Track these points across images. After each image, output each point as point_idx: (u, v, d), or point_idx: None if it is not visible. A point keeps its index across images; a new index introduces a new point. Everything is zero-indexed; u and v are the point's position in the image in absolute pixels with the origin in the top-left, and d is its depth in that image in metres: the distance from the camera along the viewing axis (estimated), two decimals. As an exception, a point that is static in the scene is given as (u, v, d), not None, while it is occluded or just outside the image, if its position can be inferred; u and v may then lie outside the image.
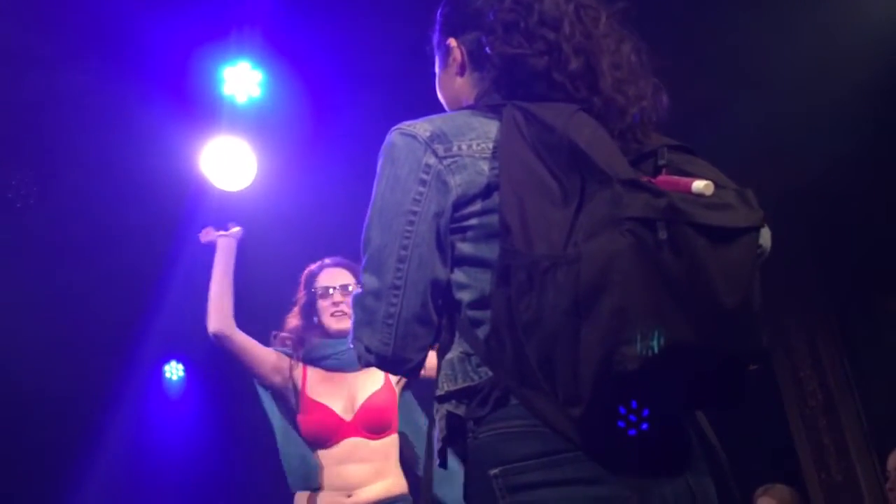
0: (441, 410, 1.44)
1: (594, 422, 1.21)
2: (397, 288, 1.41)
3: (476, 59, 1.56)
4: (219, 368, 8.29)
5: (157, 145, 4.60)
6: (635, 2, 1.56)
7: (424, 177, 1.42)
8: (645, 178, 1.22)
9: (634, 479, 1.27)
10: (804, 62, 4.35)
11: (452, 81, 1.62)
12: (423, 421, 3.26)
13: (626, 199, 1.15)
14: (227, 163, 4.10)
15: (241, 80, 4.22)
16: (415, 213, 1.41)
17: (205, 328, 3.58)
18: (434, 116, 1.53)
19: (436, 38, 1.66)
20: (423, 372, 1.52)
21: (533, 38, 1.46)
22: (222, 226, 3.85)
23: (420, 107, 1.66)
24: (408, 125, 1.49)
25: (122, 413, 8.56)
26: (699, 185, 1.19)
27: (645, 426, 1.23)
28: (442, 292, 1.45)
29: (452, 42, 1.60)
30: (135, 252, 6.10)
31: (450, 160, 1.43)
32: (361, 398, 3.17)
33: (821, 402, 6.09)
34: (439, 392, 1.45)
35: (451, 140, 1.45)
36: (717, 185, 1.22)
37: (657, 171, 1.33)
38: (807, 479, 6.16)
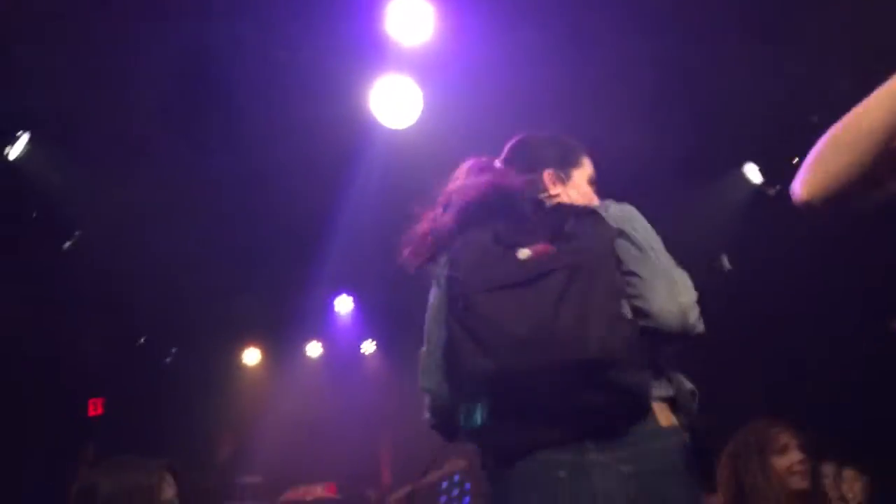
0: None
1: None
2: None
3: None
4: (386, 301, 8.68)
5: (326, 86, 4.77)
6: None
7: None
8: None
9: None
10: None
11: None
12: None
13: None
14: (394, 101, 4.20)
15: (409, 17, 4.24)
16: None
17: (374, 263, 3.65)
18: None
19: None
20: None
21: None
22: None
23: (585, 44, 1.66)
24: None
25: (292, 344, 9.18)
26: (523, 252, 1.79)
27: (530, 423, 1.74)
28: None
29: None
30: (307, 189, 6.41)
31: None
32: None
33: None
34: None
35: None
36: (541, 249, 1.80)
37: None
38: None
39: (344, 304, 8.46)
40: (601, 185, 2.34)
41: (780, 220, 6.28)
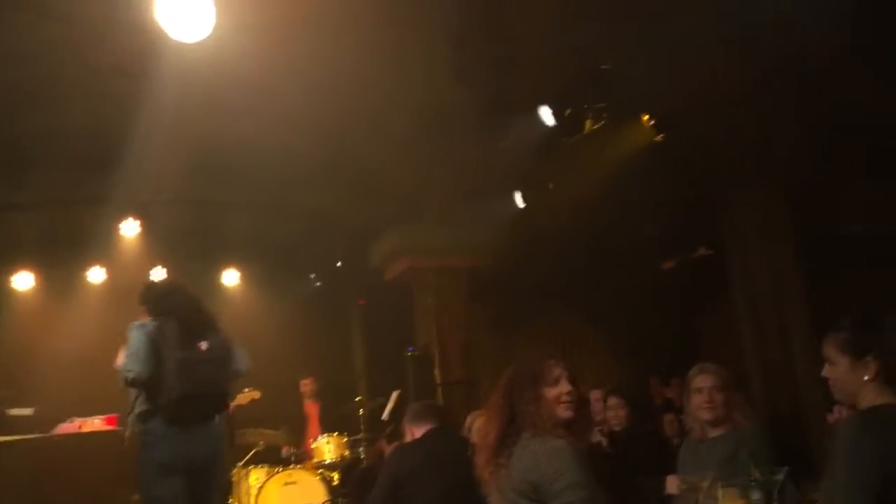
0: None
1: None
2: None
3: None
4: (177, 226, 8.30)
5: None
6: None
7: None
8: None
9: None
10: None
11: None
12: None
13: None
14: (182, 11, 3.89)
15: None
16: None
17: (166, 184, 3.43)
18: None
19: None
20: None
21: None
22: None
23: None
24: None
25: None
26: (203, 344, 4.52)
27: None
28: None
29: None
30: (93, 101, 5.93)
31: None
32: None
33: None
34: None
35: None
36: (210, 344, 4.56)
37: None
38: (746, 359, 6.44)
39: (131, 228, 7.97)
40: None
41: (571, 161, 6.61)
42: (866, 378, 2.35)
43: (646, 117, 6.11)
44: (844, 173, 5.93)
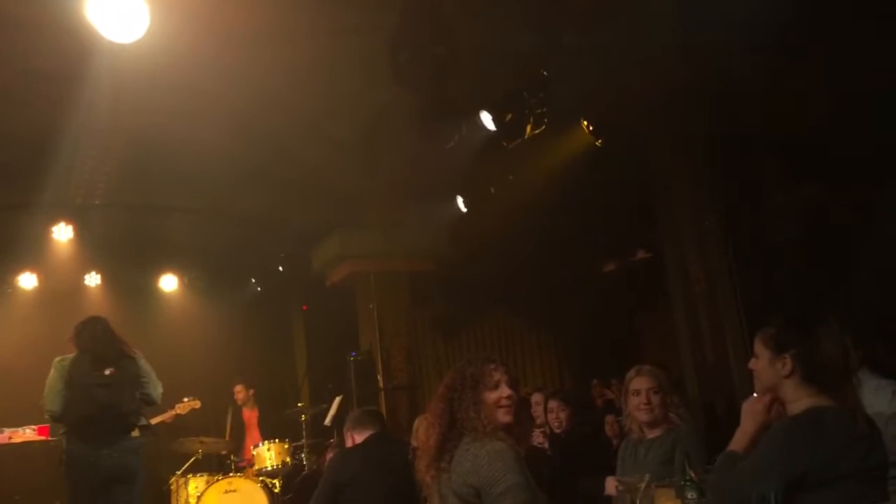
0: None
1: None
2: None
3: None
4: (111, 231, 8.10)
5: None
6: None
7: None
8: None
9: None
10: None
11: None
12: None
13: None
14: (117, 11, 3.80)
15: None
16: None
17: (100, 189, 3.28)
18: None
19: None
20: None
21: None
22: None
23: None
24: None
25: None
26: (108, 370, 5.07)
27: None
28: None
29: None
30: (24, 104, 5.78)
31: None
32: None
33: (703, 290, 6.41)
34: None
35: None
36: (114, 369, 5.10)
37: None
38: (683, 361, 6.58)
39: (63, 233, 7.76)
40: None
41: (512, 165, 6.67)
42: (784, 374, 2.43)
43: (585, 123, 6.19)
44: (776, 179, 6.11)
